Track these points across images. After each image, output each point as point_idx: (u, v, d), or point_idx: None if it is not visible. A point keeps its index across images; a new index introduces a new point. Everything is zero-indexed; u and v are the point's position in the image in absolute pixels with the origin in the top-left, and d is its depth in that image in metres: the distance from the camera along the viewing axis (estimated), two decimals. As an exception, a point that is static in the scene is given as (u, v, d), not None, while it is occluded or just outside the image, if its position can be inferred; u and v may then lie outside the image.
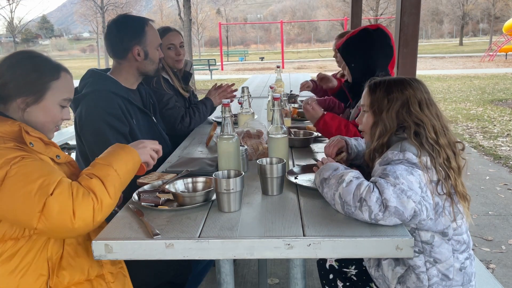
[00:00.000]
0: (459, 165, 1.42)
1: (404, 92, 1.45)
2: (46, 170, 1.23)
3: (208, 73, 19.52)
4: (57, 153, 1.37)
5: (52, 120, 1.43)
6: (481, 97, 10.59)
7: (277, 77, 3.30)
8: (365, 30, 2.19)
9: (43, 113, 1.39)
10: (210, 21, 49.44)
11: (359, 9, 5.44)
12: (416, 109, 1.42)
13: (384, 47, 2.16)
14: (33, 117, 1.38)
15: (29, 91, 1.36)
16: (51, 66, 1.42)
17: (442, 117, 1.46)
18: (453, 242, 1.41)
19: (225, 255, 1.18)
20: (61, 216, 1.16)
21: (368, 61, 2.12)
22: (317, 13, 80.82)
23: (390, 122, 1.44)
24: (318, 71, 16.92)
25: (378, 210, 1.20)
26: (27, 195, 1.16)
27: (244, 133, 2.02)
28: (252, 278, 2.72)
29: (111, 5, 34.65)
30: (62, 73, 1.43)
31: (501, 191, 4.31)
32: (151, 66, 2.20)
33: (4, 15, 37.06)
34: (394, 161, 1.34)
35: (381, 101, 1.47)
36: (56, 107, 1.42)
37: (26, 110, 1.37)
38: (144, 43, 2.13)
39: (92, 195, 1.21)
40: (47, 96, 1.39)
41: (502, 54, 24.09)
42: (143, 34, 2.13)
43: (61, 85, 1.41)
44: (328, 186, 1.34)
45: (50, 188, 1.17)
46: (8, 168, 1.19)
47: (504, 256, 3.04)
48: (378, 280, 1.51)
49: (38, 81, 1.37)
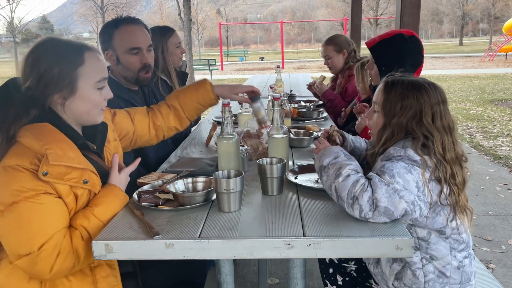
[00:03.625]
0: (464, 179, 1.40)
1: (419, 100, 1.40)
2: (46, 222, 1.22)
3: (208, 73, 19.51)
4: (86, 177, 1.32)
5: (95, 105, 1.39)
6: (481, 97, 10.59)
7: (277, 77, 3.30)
8: (401, 36, 2.14)
9: (83, 102, 1.36)
10: (210, 21, 49.47)
11: (359, 9, 5.44)
12: (428, 120, 1.38)
13: (416, 55, 2.14)
14: (75, 109, 1.35)
15: (60, 85, 1.31)
16: (72, 52, 1.35)
17: (453, 129, 1.42)
18: (451, 240, 1.41)
19: (225, 255, 1.18)
20: (40, 269, 1.22)
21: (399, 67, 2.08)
22: (317, 13, 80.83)
23: (399, 130, 1.42)
24: (318, 71, 16.95)
25: (368, 210, 1.22)
26: (18, 238, 1.20)
27: (244, 133, 2.02)
28: (252, 278, 2.72)
29: (111, 5, 34.68)
30: (86, 55, 1.35)
31: (501, 191, 4.31)
32: (127, 72, 2.09)
33: (4, 15, 37.08)
34: (395, 157, 1.34)
35: (394, 104, 1.43)
36: (93, 91, 1.37)
37: (65, 104, 1.34)
38: (112, 47, 2.04)
39: (75, 256, 1.26)
40: (80, 84, 1.33)
41: (502, 54, 24.09)
42: (110, 37, 2.04)
43: (89, 68, 1.35)
44: (327, 175, 1.35)
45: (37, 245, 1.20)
46: (19, 199, 1.19)
47: (504, 256, 3.04)
48: (377, 276, 1.52)
49: (65, 73, 1.31)
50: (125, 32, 2.03)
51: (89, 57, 1.36)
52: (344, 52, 3.47)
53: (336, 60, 3.51)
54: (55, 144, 1.27)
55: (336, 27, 45.66)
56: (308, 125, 2.52)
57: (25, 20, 33.00)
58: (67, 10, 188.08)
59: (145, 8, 73.95)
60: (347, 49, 3.48)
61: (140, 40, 2.06)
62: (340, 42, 3.50)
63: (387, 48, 2.14)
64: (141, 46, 2.06)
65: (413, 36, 2.15)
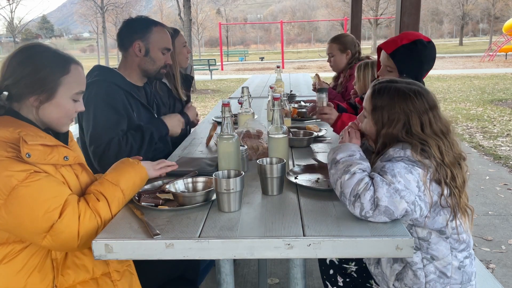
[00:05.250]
0: (464, 180, 1.40)
1: (405, 111, 1.39)
2: (52, 191, 1.24)
3: (208, 73, 19.51)
4: (65, 154, 1.33)
5: (66, 114, 1.41)
6: (481, 97, 10.59)
7: (277, 77, 3.30)
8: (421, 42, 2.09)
9: (57, 109, 1.38)
10: (210, 21, 49.45)
11: (359, 9, 5.44)
12: (417, 130, 1.38)
13: (431, 62, 2.11)
14: (47, 114, 1.37)
15: (40, 89, 1.33)
16: (60, 60, 1.39)
17: (449, 131, 1.41)
18: (451, 240, 1.41)
19: (225, 255, 1.18)
20: (67, 237, 1.23)
21: (417, 72, 2.06)
22: (317, 13, 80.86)
23: (390, 140, 1.42)
24: (318, 71, 16.95)
25: (369, 208, 1.23)
26: (34, 218, 1.21)
27: (244, 133, 2.02)
28: (252, 278, 2.72)
29: (111, 5, 34.67)
30: (72, 67, 1.40)
31: (501, 191, 4.31)
32: (151, 66, 2.20)
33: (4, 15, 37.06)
34: (395, 158, 1.35)
35: (381, 114, 1.43)
36: (69, 102, 1.40)
37: (39, 107, 1.35)
38: (146, 40, 2.15)
39: (97, 217, 1.28)
40: (59, 92, 1.36)
41: (502, 54, 24.08)
42: (147, 31, 2.16)
43: (72, 79, 1.39)
44: (336, 169, 1.37)
45: (56, 212, 1.22)
46: (15, 184, 1.19)
47: (504, 256, 3.04)
48: (378, 277, 1.52)
49: (49, 79, 1.34)
50: (162, 32, 2.22)
51: (74, 69, 1.41)
52: (348, 52, 3.47)
53: (339, 59, 3.50)
54: (24, 127, 1.30)
55: (336, 27, 45.67)
56: (308, 125, 2.52)
57: (25, 20, 33.03)
58: (67, 10, 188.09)
59: (145, 8, 73.96)
60: (352, 50, 3.48)
61: (170, 44, 2.29)
62: (346, 42, 3.49)
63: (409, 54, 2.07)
64: (171, 49, 2.29)
65: (430, 42, 2.11)
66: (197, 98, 12.15)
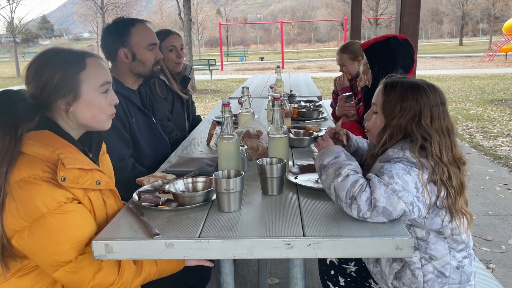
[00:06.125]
0: (462, 182, 1.39)
1: (418, 101, 1.40)
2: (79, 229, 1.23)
3: (208, 73, 19.52)
4: (98, 178, 1.32)
5: (100, 110, 1.38)
6: (481, 97, 10.59)
7: (277, 77, 3.30)
8: (395, 38, 2.22)
9: (88, 107, 1.35)
10: (210, 21, 49.44)
11: (359, 9, 5.44)
12: (426, 122, 1.38)
13: (407, 58, 2.20)
14: (80, 114, 1.35)
15: (63, 92, 1.31)
16: (74, 58, 1.35)
17: (453, 132, 1.42)
18: (450, 240, 1.41)
19: (225, 255, 1.18)
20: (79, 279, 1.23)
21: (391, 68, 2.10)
22: (317, 13, 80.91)
23: (398, 131, 1.42)
24: (318, 71, 16.96)
25: (367, 210, 1.23)
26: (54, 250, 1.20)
27: (244, 133, 2.02)
28: (252, 278, 2.72)
29: (111, 5, 34.67)
30: (87, 60, 1.36)
31: (501, 191, 4.31)
32: (143, 68, 2.16)
33: (4, 15, 37.05)
34: (393, 158, 1.35)
35: (393, 106, 1.43)
36: (97, 96, 1.37)
37: (69, 110, 1.33)
38: (129, 45, 2.11)
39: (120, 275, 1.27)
40: (83, 89, 1.33)
41: (502, 54, 24.10)
42: (127, 36, 2.10)
43: (91, 72, 1.35)
44: (326, 174, 1.35)
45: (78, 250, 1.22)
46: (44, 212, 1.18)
47: (503, 256, 3.04)
48: (377, 275, 1.53)
49: (67, 79, 1.31)
50: (142, 29, 2.15)
51: (90, 62, 1.36)
52: (359, 59, 3.45)
53: (352, 67, 3.48)
54: (64, 149, 1.27)
55: (336, 27, 45.69)
56: (308, 125, 2.52)
57: (25, 20, 32.92)
58: (67, 10, 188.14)
59: (145, 8, 73.98)
60: (362, 56, 3.46)
61: (155, 37, 2.20)
62: (355, 49, 3.47)
63: (381, 49, 2.20)
64: (157, 42, 2.20)
65: (406, 40, 2.23)
66: (197, 98, 12.16)
